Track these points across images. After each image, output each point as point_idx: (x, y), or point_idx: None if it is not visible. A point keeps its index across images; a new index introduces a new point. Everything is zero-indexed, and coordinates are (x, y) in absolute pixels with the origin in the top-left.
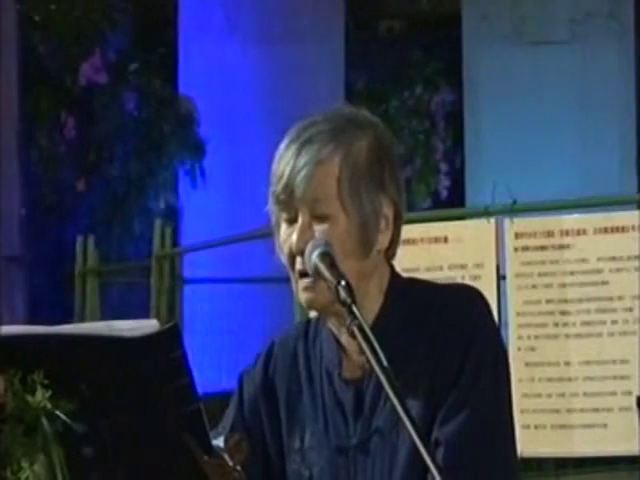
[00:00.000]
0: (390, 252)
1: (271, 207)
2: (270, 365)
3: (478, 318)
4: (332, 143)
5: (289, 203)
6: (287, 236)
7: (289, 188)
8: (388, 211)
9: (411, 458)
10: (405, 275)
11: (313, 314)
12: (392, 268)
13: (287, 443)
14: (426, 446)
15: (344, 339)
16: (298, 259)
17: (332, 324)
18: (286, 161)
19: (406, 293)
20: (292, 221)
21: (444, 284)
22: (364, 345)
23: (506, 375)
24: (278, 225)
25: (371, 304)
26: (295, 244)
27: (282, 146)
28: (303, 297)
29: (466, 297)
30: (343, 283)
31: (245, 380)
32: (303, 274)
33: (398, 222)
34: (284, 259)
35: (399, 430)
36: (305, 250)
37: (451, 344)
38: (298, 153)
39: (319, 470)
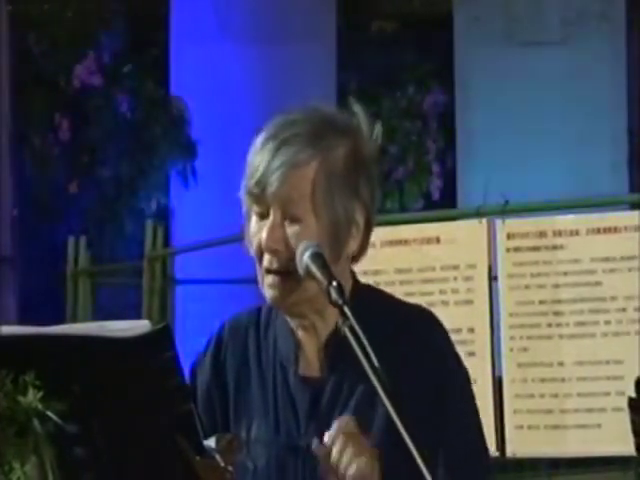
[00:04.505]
0: (357, 258)
1: (243, 197)
2: (221, 351)
3: (446, 347)
4: (310, 148)
5: (261, 198)
6: (257, 231)
7: (262, 185)
8: (360, 217)
9: None
10: (399, 276)
11: None
12: (353, 274)
13: (233, 433)
14: (420, 450)
15: (302, 336)
16: (266, 256)
17: (291, 321)
18: (262, 157)
19: (368, 301)
20: (263, 216)
21: (402, 301)
22: (355, 346)
23: (473, 399)
24: (249, 215)
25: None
26: (264, 242)
27: (260, 140)
28: (268, 294)
29: (428, 321)
30: (334, 284)
31: (198, 372)
32: (269, 271)
33: (368, 228)
34: (252, 251)
35: None
36: (275, 249)
37: (419, 367)
38: (275, 152)
39: (264, 464)
